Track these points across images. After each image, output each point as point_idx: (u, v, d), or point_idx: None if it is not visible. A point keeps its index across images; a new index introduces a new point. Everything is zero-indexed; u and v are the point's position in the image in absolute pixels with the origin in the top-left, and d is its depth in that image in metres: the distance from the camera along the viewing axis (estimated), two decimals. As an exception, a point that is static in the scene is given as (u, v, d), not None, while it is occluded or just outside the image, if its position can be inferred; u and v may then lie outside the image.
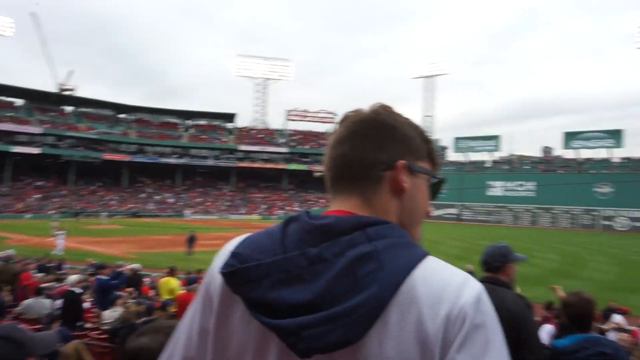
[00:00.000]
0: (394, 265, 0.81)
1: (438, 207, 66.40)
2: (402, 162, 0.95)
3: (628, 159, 62.24)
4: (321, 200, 69.97)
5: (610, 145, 61.20)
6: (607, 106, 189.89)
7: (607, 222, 56.11)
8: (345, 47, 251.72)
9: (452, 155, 77.88)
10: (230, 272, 0.86)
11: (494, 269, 3.14)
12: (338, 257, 0.83)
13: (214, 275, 0.94)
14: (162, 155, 72.00)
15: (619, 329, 5.74)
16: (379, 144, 0.96)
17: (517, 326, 2.88)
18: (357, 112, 1.01)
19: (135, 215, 57.19)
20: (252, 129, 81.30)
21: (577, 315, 2.95)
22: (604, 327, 5.38)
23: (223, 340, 0.90)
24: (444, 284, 0.81)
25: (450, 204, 66.24)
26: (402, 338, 0.78)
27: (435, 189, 1.04)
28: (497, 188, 64.78)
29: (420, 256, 0.85)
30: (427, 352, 0.77)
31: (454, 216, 65.46)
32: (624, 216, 55.18)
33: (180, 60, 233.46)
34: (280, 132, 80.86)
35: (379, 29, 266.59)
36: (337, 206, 0.96)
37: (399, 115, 1.01)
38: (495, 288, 3.06)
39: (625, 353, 2.91)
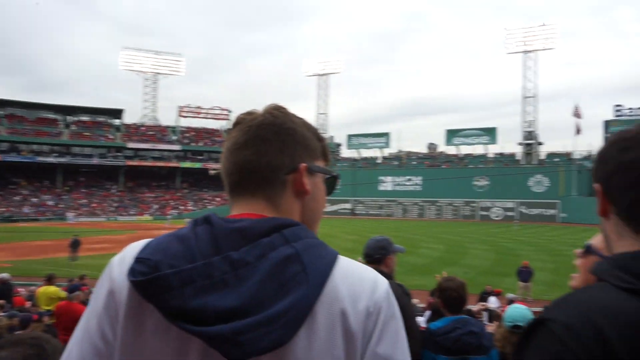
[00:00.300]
0: (316, 266, 0.85)
1: (333, 202, 68.17)
2: (303, 165, 0.98)
3: (501, 154, 68.35)
4: (217, 199, 68.70)
5: (486, 141, 66.73)
6: (483, 106, 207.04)
7: (484, 213, 61.20)
8: (239, 43, 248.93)
9: (345, 152, 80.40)
10: (146, 281, 0.83)
11: (375, 261, 3.28)
12: (261, 260, 0.85)
13: (117, 283, 0.89)
14: (39, 154, 66.28)
15: (486, 309, 6.36)
16: (280, 148, 0.97)
17: None
18: (253, 115, 1.01)
19: (8, 219, 52.03)
20: (141, 126, 77.52)
21: (451, 299, 3.18)
22: (474, 308, 5.92)
23: (134, 353, 0.87)
24: (360, 280, 0.89)
25: (345, 199, 68.28)
26: (329, 334, 0.84)
27: (331, 185, 1.07)
28: (388, 183, 67.91)
29: (334, 256, 0.90)
30: (351, 344, 0.85)
31: (348, 211, 67.58)
32: (498, 206, 60.55)
33: (59, 52, 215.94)
34: (172, 129, 77.98)
35: (274, 25, 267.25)
36: (241, 209, 0.97)
37: (294, 117, 1.03)
38: (376, 278, 3.21)
39: (490, 334, 3.19)
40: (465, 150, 69.09)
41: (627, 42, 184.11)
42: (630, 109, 58.71)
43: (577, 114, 58.36)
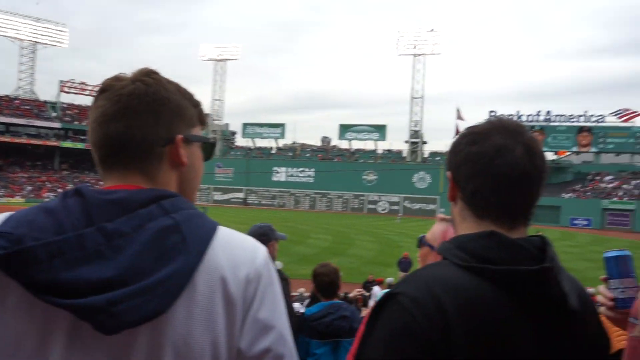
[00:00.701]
0: (196, 236, 0.87)
1: (225, 191, 67.15)
2: (180, 136, 0.96)
3: (389, 150, 71.76)
4: (100, 182, 64.36)
5: (376, 138, 69.63)
6: (375, 103, 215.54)
7: (372, 206, 63.93)
8: (132, 18, 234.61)
9: (240, 141, 79.46)
10: (6, 255, 0.78)
11: (257, 248, 3.36)
12: (138, 231, 0.84)
13: None
14: None
15: (362, 295, 6.78)
16: (155, 119, 0.94)
17: None
18: (122, 82, 0.95)
19: None
20: (15, 99, 70.27)
21: (324, 284, 3.35)
22: (350, 295, 6.27)
23: None
24: (240, 249, 0.92)
25: (237, 189, 67.58)
26: (209, 302, 0.86)
27: (208, 152, 1.06)
28: (281, 174, 68.31)
29: (214, 225, 0.92)
30: (232, 311, 0.87)
31: (241, 200, 66.99)
32: (385, 200, 63.59)
33: None
34: (52, 105, 71.61)
35: (170, 4, 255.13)
36: (115, 182, 0.95)
37: (168, 83, 0.99)
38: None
39: (358, 311, 3.42)
40: (356, 145, 71.56)
41: (504, 54, 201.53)
42: (502, 114, 64.46)
43: (459, 117, 62.86)
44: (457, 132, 63.66)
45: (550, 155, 62.54)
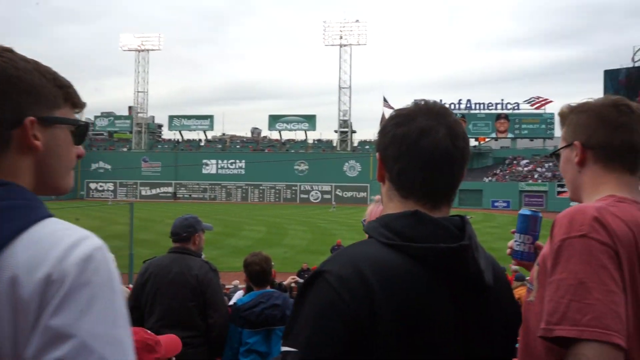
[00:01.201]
0: None
1: (153, 186, 65.02)
2: (30, 118, 0.87)
3: (319, 140, 72.31)
4: None
5: (306, 128, 69.87)
6: (304, 93, 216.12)
7: (304, 196, 64.27)
8: (46, 5, 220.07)
9: (167, 133, 77.05)
10: None
11: (183, 239, 3.28)
12: None
13: None
14: None
15: (297, 282, 6.88)
16: (0, 100, 0.86)
17: (203, 289, 3.13)
18: None
19: None
20: None
21: (255, 273, 3.33)
22: (285, 283, 6.27)
23: None
24: (50, 246, 0.79)
25: (166, 183, 65.63)
26: None
27: (79, 135, 0.98)
28: (212, 166, 67.04)
29: (35, 219, 0.82)
30: (21, 316, 0.75)
31: (170, 195, 65.15)
32: (317, 190, 64.15)
33: None
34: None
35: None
36: None
37: (23, 61, 0.90)
38: (183, 257, 3.22)
39: (291, 299, 3.43)
40: (287, 135, 71.47)
41: (428, 44, 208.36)
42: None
43: (386, 105, 64.35)
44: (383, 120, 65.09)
45: (471, 142, 65.76)
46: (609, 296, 1.10)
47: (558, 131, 1.67)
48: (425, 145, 1.07)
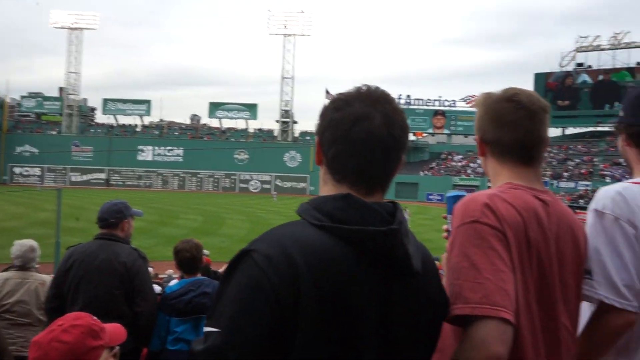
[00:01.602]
0: None
1: (84, 172, 62.15)
2: None
3: (260, 129, 71.68)
4: None
5: (247, 117, 69.03)
6: (246, 82, 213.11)
7: (243, 185, 63.61)
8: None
9: (100, 117, 73.76)
10: None
11: (110, 225, 3.18)
12: None
13: None
14: None
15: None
16: None
17: (131, 276, 3.05)
18: None
19: None
20: None
21: (185, 260, 3.28)
22: (220, 271, 6.24)
23: None
24: None
25: (99, 169, 62.91)
26: None
27: None
28: (148, 153, 64.93)
29: None
30: None
31: (102, 181, 62.53)
32: (256, 179, 63.67)
33: None
34: None
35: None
36: None
37: None
38: (110, 243, 3.12)
39: None
40: (227, 124, 70.35)
41: (372, 38, 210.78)
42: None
43: (330, 97, 64.56)
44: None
45: (410, 137, 67.37)
46: (497, 275, 1.19)
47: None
48: (359, 132, 1.07)
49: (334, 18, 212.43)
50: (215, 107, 69.06)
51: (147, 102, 69.96)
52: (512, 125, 1.40)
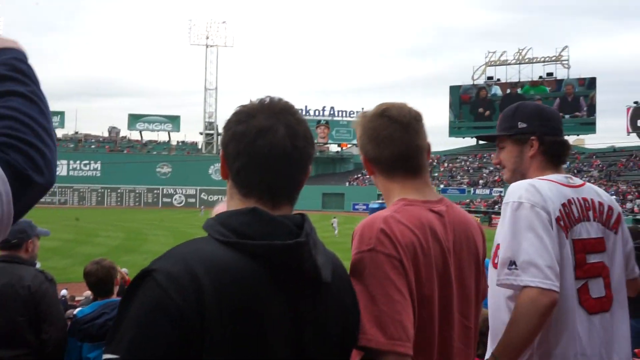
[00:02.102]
0: None
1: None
2: None
3: (183, 142, 70.04)
4: None
5: (169, 129, 67.29)
6: (167, 93, 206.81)
7: (167, 200, 61.70)
8: None
9: (7, 131, 68.72)
10: None
11: (13, 246, 2.96)
12: None
13: None
14: None
15: None
16: None
17: (37, 301, 2.85)
18: None
19: None
20: None
21: (97, 282, 3.11)
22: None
23: None
24: None
25: (6, 186, 58.58)
26: None
27: None
28: (62, 167, 61.33)
29: None
30: None
31: (10, 199, 58.22)
32: (180, 193, 61.99)
33: None
34: None
35: None
36: None
37: None
38: (12, 266, 2.91)
39: None
40: (148, 136, 68.16)
41: (296, 50, 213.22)
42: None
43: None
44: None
45: (335, 147, 68.67)
46: (392, 306, 1.22)
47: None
48: (262, 145, 1.06)
49: (258, 29, 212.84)
50: (135, 119, 66.71)
51: (61, 113, 66.30)
52: (388, 140, 1.44)
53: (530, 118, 1.91)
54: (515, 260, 1.62)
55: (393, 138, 1.44)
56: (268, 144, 1.06)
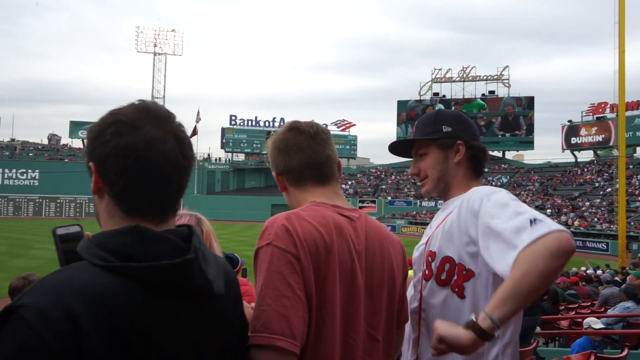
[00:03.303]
0: None
1: None
2: None
3: (130, 151, 67.91)
4: None
5: (115, 137, 65.11)
6: (112, 100, 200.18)
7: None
8: None
9: None
10: None
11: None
12: None
13: None
14: None
15: None
16: None
17: None
18: None
19: None
20: None
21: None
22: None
23: None
24: None
25: None
26: None
27: None
28: (-4, 176, 58.12)
29: None
30: None
31: (-63, 209, 54.49)
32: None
33: None
34: None
35: None
36: None
37: None
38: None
39: None
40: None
41: (246, 62, 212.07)
42: (242, 119, 67.69)
43: (198, 119, 63.44)
44: (194, 133, 64.09)
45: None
46: (279, 301, 1.20)
47: (360, 152, 1.84)
48: (155, 158, 0.99)
49: (208, 39, 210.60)
50: (77, 126, 64.15)
51: (-4, 119, 62.85)
52: (296, 149, 1.48)
53: (453, 122, 1.80)
54: (536, 217, 1.38)
55: (302, 146, 1.48)
56: (161, 157, 0.99)
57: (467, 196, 1.64)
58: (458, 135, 1.79)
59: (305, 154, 1.48)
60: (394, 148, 1.99)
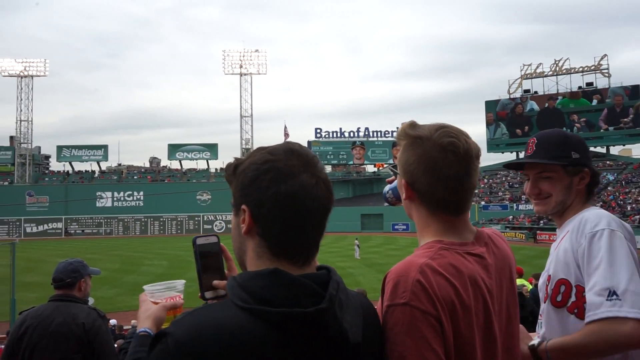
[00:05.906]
0: None
1: (39, 222, 59.91)
2: None
3: (222, 169, 71.18)
4: None
5: (208, 157, 68.66)
6: (204, 122, 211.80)
7: (208, 226, 62.58)
8: None
9: (55, 165, 71.79)
10: None
11: (66, 285, 3.06)
12: None
13: None
14: None
15: None
16: None
17: (90, 338, 2.93)
18: None
19: None
20: None
21: None
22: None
23: None
24: None
25: (55, 218, 60.76)
26: None
27: None
28: (107, 199, 63.33)
29: None
30: None
31: (60, 231, 60.37)
32: (220, 219, 62.82)
33: None
34: None
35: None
36: None
37: None
38: (67, 304, 3.00)
39: None
40: (188, 164, 69.70)
41: (328, 74, 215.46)
42: (327, 131, 68.61)
43: (285, 134, 65.26)
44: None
45: (371, 168, 68.56)
46: None
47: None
48: (310, 205, 1.03)
49: (290, 55, 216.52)
50: (174, 149, 68.42)
51: (104, 146, 68.70)
52: (448, 181, 1.29)
53: (580, 149, 1.86)
54: (616, 290, 1.52)
55: (455, 179, 1.29)
56: (315, 202, 1.03)
57: (581, 225, 1.73)
58: (585, 163, 1.87)
59: (455, 189, 1.30)
60: (513, 165, 2.04)
